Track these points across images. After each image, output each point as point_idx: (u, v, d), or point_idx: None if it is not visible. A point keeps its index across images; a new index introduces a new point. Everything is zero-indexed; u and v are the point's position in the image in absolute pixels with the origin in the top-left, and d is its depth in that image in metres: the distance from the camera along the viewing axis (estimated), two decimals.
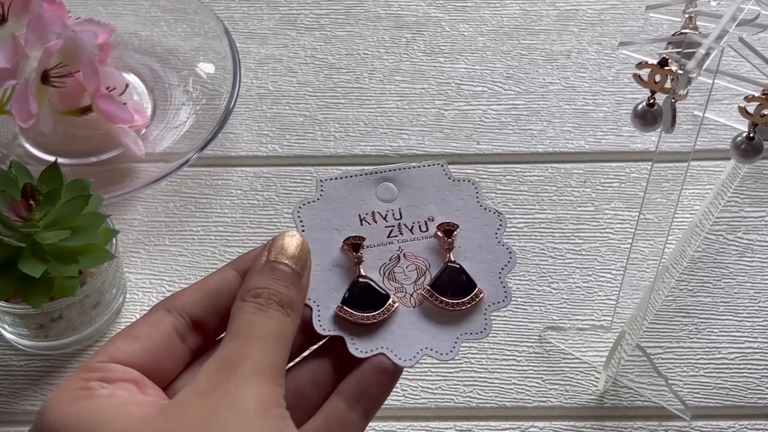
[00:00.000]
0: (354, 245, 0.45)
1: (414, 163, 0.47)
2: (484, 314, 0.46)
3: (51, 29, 0.69)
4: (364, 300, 0.45)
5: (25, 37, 0.68)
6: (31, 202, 0.59)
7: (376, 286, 0.45)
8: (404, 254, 0.46)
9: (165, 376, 0.43)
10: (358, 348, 0.44)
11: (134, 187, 0.71)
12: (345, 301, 0.45)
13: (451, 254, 0.46)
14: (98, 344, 0.67)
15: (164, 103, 0.78)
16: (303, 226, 0.45)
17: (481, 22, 0.83)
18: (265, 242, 0.44)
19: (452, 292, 0.45)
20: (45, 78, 0.69)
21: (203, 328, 0.44)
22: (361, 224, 0.46)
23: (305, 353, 0.45)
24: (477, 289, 0.45)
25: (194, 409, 0.39)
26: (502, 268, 0.46)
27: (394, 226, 0.46)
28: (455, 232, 0.46)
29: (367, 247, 0.46)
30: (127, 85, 0.74)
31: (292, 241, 0.44)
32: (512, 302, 0.68)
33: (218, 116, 0.74)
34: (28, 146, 0.75)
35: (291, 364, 0.44)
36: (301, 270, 0.43)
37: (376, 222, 0.46)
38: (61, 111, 0.73)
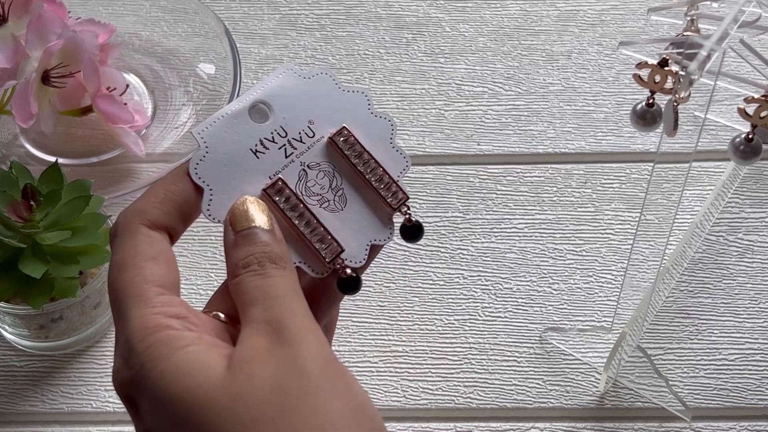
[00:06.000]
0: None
1: (270, 77, 0.47)
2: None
3: (51, 29, 0.69)
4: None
5: (26, 38, 0.68)
6: (32, 202, 0.59)
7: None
8: (308, 165, 0.47)
9: (179, 287, 0.44)
10: (313, 270, 0.45)
11: (135, 188, 0.71)
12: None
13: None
14: (98, 344, 0.67)
15: (165, 103, 0.78)
16: (206, 183, 0.45)
17: (481, 23, 0.83)
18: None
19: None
20: (45, 78, 0.69)
21: (172, 236, 0.45)
22: (257, 156, 0.46)
23: None
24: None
25: (260, 374, 0.39)
26: (401, 172, 0.47)
27: (285, 144, 0.47)
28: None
29: (275, 174, 0.46)
30: (127, 86, 0.74)
31: (243, 207, 0.44)
32: (513, 303, 0.69)
33: None
34: (28, 146, 0.75)
35: None
36: (267, 224, 0.44)
37: (268, 148, 0.46)
38: (61, 111, 0.73)
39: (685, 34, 0.56)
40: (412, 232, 0.47)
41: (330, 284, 0.46)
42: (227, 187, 0.45)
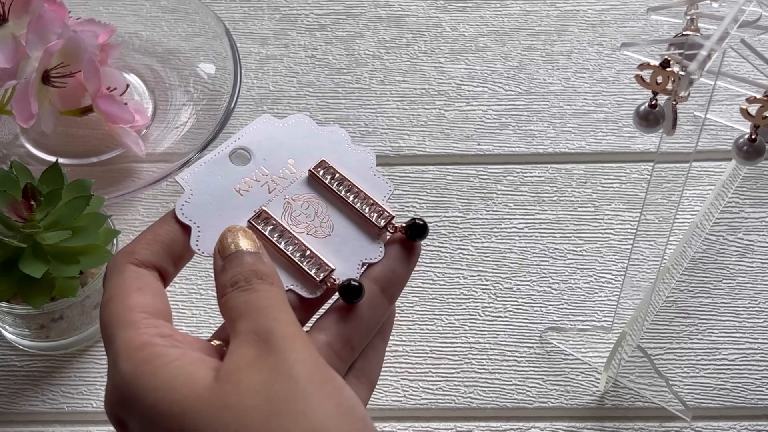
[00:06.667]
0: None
1: (248, 125, 0.50)
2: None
3: (52, 29, 0.69)
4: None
5: (26, 38, 0.68)
6: (32, 202, 0.59)
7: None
8: (292, 198, 0.48)
9: (170, 317, 0.45)
10: (306, 290, 0.46)
11: (135, 188, 0.71)
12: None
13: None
14: (99, 344, 0.67)
15: (165, 103, 0.78)
16: (194, 222, 0.46)
17: (481, 23, 0.83)
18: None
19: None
20: (46, 78, 0.69)
21: (162, 275, 0.46)
22: (240, 194, 0.48)
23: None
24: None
25: (248, 382, 0.40)
26: (384, 196, 0.49)
27: (267, 182, 0.48)
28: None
29: (260, 207, 0.47)
30: (127, 86, 0.74)
31: (231, 234, 0.45)
32: (513, 303, 0.69)
33: (219, 117, 0.74)
34: (28, 146, 0.75)
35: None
36: (254, 248, 0.45)
37: (251, 187, 0.48)
38: (61, 111, 0.73)
39: (684, 33, 0.56)
40: (417, 231, 0.48)
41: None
42: (214, 223, 0.47)
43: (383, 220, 0.48)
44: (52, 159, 0.71)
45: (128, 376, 0.41)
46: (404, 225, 0.48)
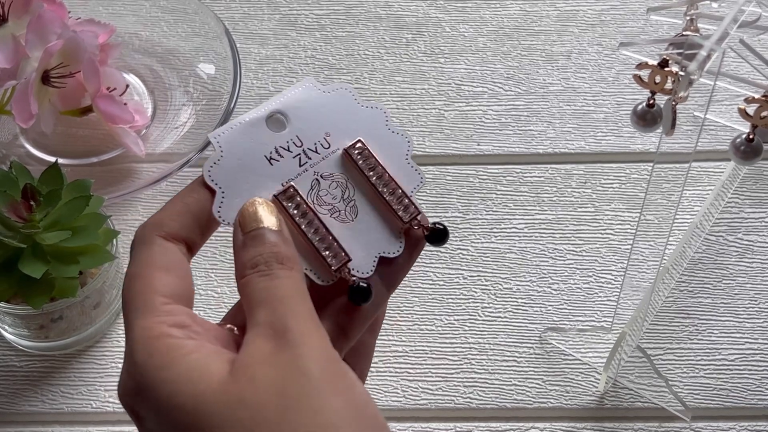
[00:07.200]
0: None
1: (289, 88, 0.48)
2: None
3: (51, 30, 0.69)
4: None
5: (26, 38, 0.68)
6: (32, 202, 0.59)
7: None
8: (321, 175, 0.47)
9: (193, 298, 0.44)
10: (319, 277, 0.45)
11: (135, 188, 0.71)
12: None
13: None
14: (99, 344, 0.67)
15: (165, 103, 0.78)
16: (219, 186, 0.46)
17: (481, 23, 0.83)
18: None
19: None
20: (45, 78, 0.69)
21: (190, 247, 0.45)
22: (271, 164, 0.47)
23: None
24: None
25: (263, 378, 0.40)
26: (414, 188, 0.48)
27: (300, 153, 0.47)
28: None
29: (288, 182, 0.46)
30: (127, 86, 0.74)
31: (253, 208, 0.44)
32: (512, 303, 0.69)
33: (219, 117, 0.74)
34: (28, 147, 0.75)
35: None
36: (276, 225, 0.44)
37: (282, 156, 0.47)
38: (61, 111, 0.73)
39: (684, 33, 0.56)
40: (436, 236, 0.47)
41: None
42: (239, 190, 0.45)
43: (408, 216, 0.47)
44: (52, 159, 0.71)
45: (143, 368, 0.41)
46: (427, 226, 0.47)
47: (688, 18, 0.57)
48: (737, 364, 0.66)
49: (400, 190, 0.47)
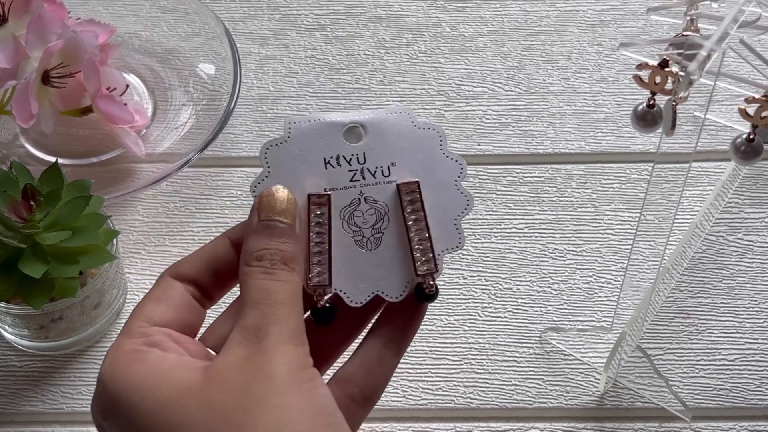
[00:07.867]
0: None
1: (380, 109, 0.48)
2: (438, 255, 0.47)
3: (51, 30, 0.69)
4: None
5: (26, 38, 0.68)
6: (32, 202, 0.59)
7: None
8: (365, 198, 0.47)
9: (193, 329, 0.47)
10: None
11: (135, 188, 0.71)
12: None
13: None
14: (99, 344, 0.67)
15: (165, 103, 0.78)
16: (268, 165, 0.46)
17: (481, 23, 0.83)
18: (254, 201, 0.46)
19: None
20: (45, 78, 0.69)
21: (202, 289, 0.47)
22: (326, 167, 0.47)
23: None
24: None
25: (232, 382, 0.41)
26: (459, 214, 0.48)
27: (357, 170, 0.47)
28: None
29: (331, 190, 0.47)
30: (127, 86, 0.74)
31: (278, 196, 0.45)
32: (512, 303, 0.69)
33: (219, 117, 0.74)
34: (28, 147, 0.75)
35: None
36: (293, 222, 0.45)
37: (340, 165, 0.47)
38: (61, 111, 0.73)
39: (684, 34, 0.56)
40: (422, 296, 0.47)
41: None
42: (284, 176, 0.46)
43: (424, 270, 0.47)
44: (52, 159, 0.71)
45: (108, 380, 0.43)
46: (429, 284, 0.47)
47: (688, 18, 0.57)
48: (737, 364, 0.66)
49: (429, 244, 0.47)
